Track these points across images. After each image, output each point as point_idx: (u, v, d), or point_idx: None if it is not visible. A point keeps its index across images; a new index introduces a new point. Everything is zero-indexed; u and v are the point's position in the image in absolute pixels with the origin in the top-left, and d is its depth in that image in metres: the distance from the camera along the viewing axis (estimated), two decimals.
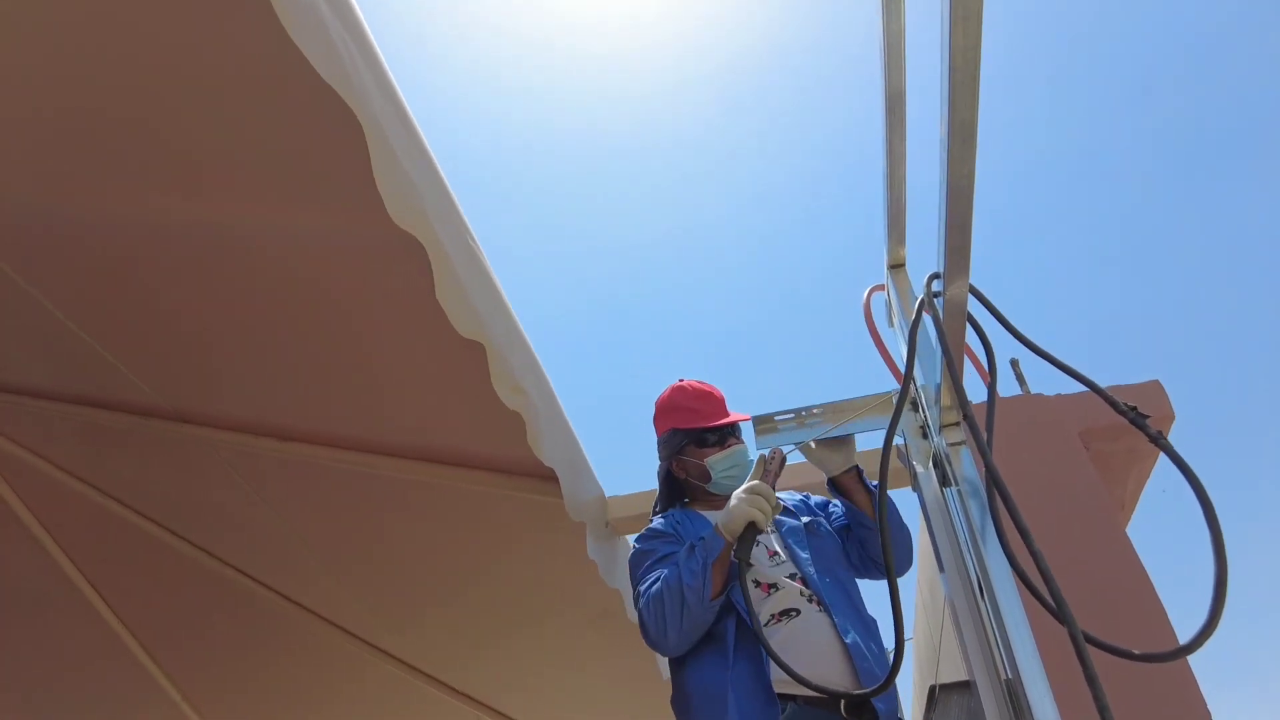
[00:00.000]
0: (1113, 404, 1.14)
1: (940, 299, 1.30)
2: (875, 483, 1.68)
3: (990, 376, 1.27)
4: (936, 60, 1.05)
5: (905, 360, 1.31)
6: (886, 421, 1.60)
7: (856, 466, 1.68)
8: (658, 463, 1.80)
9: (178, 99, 1.51)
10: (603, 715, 2.92)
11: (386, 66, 1.24)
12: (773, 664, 1.40)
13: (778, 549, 1.61)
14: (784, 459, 1.60)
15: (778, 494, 1.53)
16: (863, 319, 2.00)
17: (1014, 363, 1.71)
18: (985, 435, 1.21)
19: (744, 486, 1.50)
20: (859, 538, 1.70)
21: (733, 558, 1.45)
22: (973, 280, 1.26)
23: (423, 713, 3.12)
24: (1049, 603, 0.96)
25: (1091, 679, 0.85)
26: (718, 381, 1.85)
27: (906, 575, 1.86)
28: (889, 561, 1.18)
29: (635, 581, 1.57)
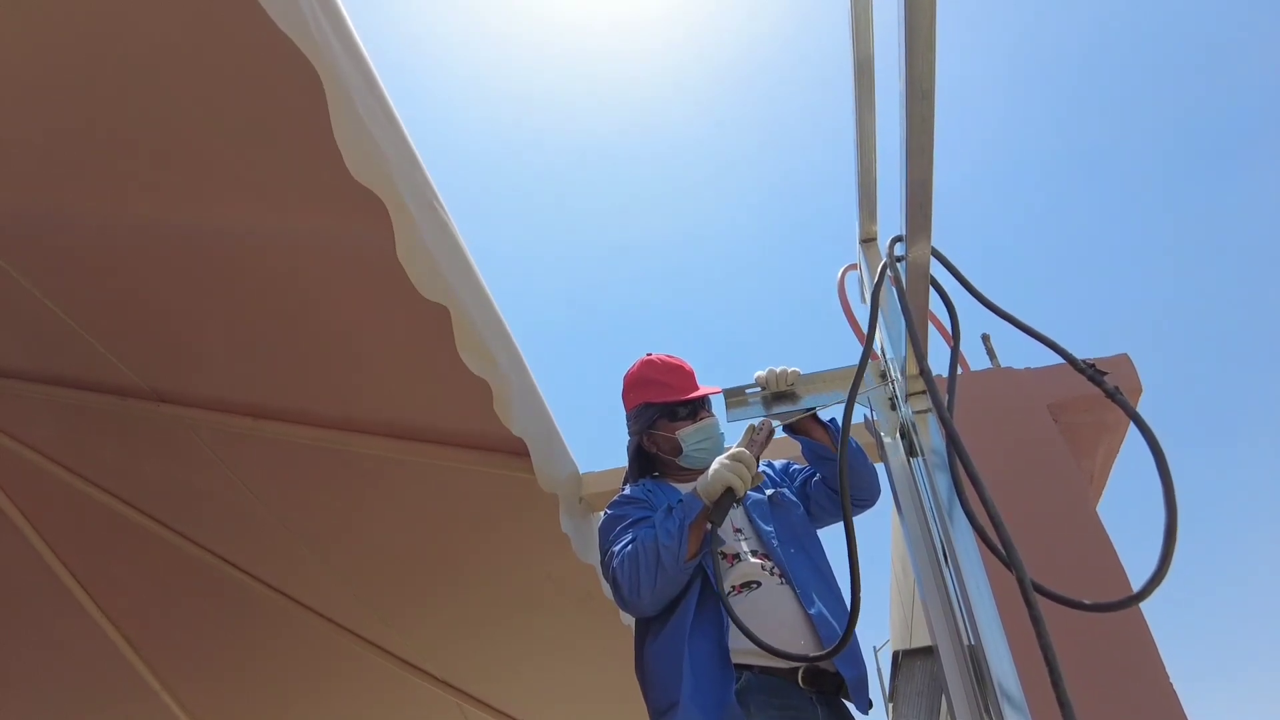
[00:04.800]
0: (1072, 362, 1.14)
1: (903, 263, 1.31)
2: (831, 418, 1.68)
3: (954, 339, 1.27)
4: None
5: (868, 323, 1.31)
6: (860, 394, 1.61)
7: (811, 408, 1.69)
8: (628, 438, 1.80)
9: (155, 92, 1.53)
10: (586, 699, 2.90)
11: (352, 26, 1.24)
12: (731, 634, 1.39)
13: (742, 524, 1.61)
14: (772, 431, 1.60)
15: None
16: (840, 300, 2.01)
17: (985, 337, 1.71)
18: (946, 394, 1.21)
19: (727, 453, 1.49)
20: (824, 475, 1.70)
21: (707, 521, 1.44)
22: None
23: (405, 701, 3.10)
24: (999, 550, 0.96)
25: (1036, 619, 0.85)
26: (705, 367, 1.84)
27: (887, 566, 1.85)
28: (844, 486, 1.17)
29: (607, 545, 1.56)
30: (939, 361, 1.33)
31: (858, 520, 1.78)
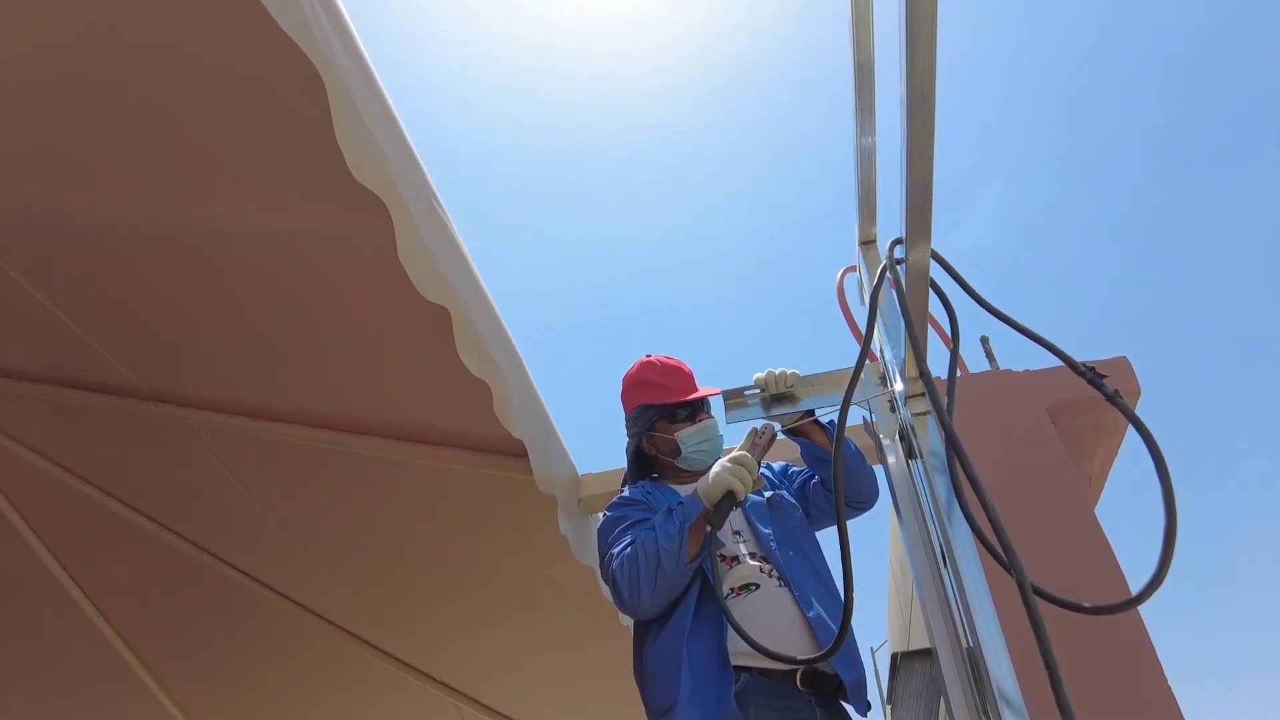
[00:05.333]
0: (1071, 364, 1.15)
1: (903, 266, 1.31)
2: (826, 419, 1.68)
3: (953, 341, 1.27)
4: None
5: (867, 323, 1.31)
6: (859, 396, 1.61)
7: (810, 410, 1.69)
8: (627, 440, 1.80)
9: (155, 91, 1.52)
10: (584, 700, 2.90)
11: (352, 25, 1.24)
12: (730, 635, 1.39)
13: (740, 527, 1.61)
14: (775, 435, 1.59)
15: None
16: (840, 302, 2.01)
17: (984, 340, 1.71)
18: (946, 397, 1.21)
19: (729, 456, 1.49)
20: (823, 478, 1.70)
21: (707, 524, 1.44)
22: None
23: (403, 702, 3.10)
24: (998, 553, 0.96)
25: (1036, 622, 0.85)
26: (704, 368, 1.84)
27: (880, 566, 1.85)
28: (838, 487, 1.17)
29: (606, 546, 1.56)
30: (938, 364, 1.33)
31: (857, 523, 1.79)
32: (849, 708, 1.46)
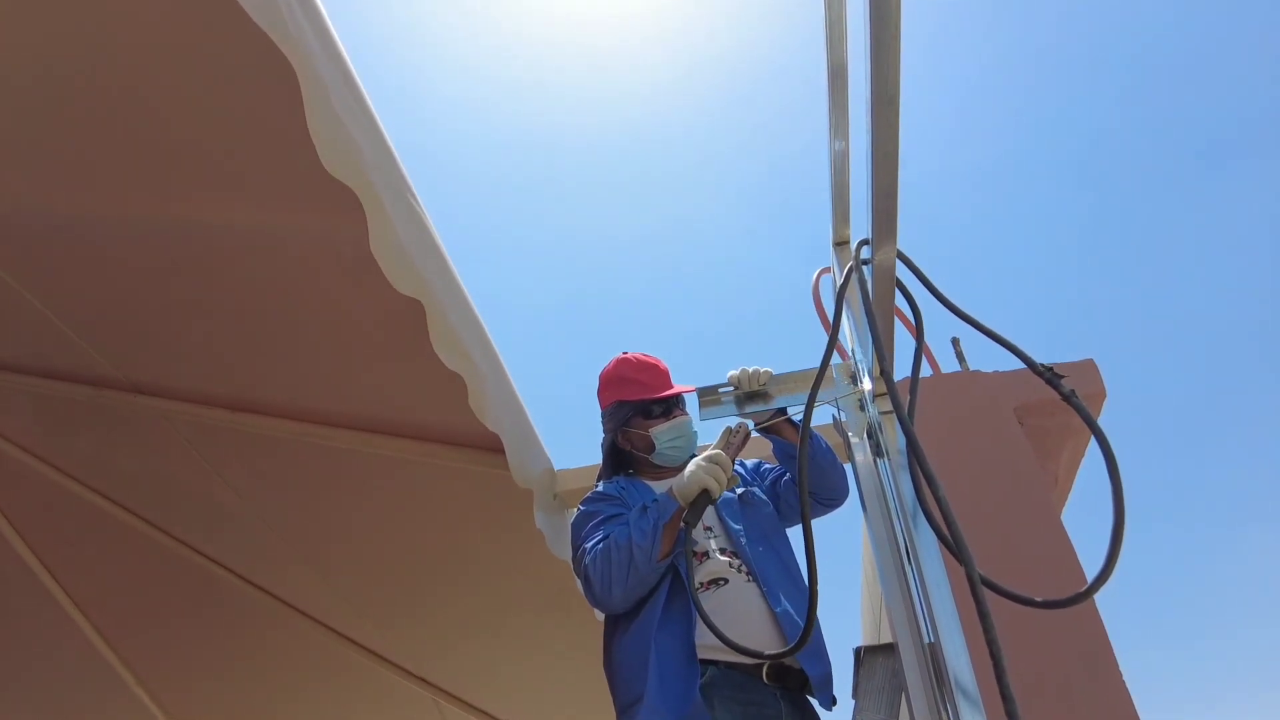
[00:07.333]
0: (1029, 364, 1.17)
1: (870, 266, 1.33)
2: (799, 417, 1.69)
3: (917, 338, 1.30)
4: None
5: (833, 323, 1.33)
6: (828, 394, 1.63)
7: (783, 408, 1.71)
8: (602, 435, 1.81)
9: (133, 88, 1.53)
10: (561, 694, 2.91)
11: (328, 19, 1.25)
12: (698, 629, 1.41)
13: (711, 522, 1.62)
14: (749, 433, 1.61)
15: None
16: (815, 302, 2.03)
17: (955, 341, 1.73)
18: (909, 394, 1.23)
19: (704, 454, 1.51)
20: (794, 475, 1.73)
21: (681, 522, 1.45)
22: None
23: (381, 697, 3.10)
24: (948, 540, 0.98)
25: (984, 614, 0.87)
26: (681, 364, 1.86)
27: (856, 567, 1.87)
28: (803, 482, 1.19)
29: (579, 541, 1.57)
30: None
31: (830, 520, 1.81)
32: (814, 702, 1.48)
